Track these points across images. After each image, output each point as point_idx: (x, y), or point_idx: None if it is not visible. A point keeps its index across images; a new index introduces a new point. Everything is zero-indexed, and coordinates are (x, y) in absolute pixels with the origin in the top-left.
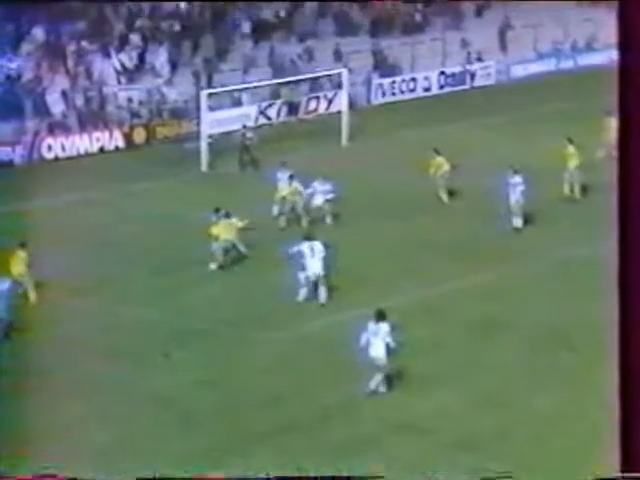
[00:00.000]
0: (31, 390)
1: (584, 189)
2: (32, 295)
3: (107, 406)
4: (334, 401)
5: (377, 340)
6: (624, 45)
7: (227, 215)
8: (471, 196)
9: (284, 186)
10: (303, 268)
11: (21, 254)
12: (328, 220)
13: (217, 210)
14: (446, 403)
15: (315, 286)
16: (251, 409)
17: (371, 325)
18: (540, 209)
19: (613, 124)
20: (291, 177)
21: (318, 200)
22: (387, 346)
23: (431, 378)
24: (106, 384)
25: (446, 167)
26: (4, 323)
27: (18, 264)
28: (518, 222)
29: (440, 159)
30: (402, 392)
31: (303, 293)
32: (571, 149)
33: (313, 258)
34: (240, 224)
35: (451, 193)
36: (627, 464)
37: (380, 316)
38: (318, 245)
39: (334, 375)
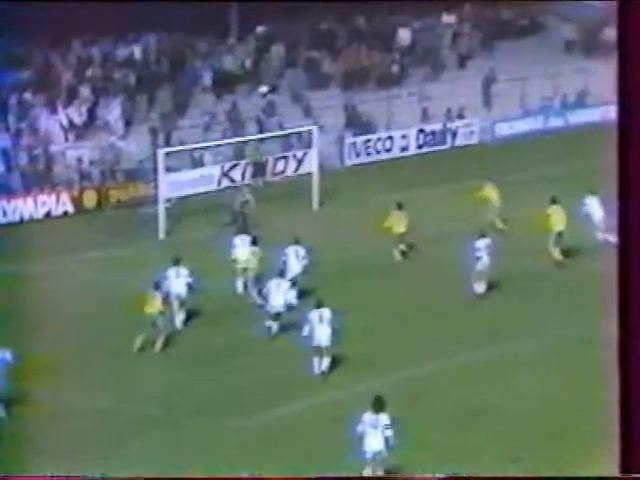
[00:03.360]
0: None
1: (567, 254)
2: None
3: None
4: None
5: (376, 433)
6: (623, 103)
7: (155, 286)
8: (447, 266)
9: (244, 254)
10: (310, 337)
11: None
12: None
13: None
14: None
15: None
16: None
17: (369, 416)
18: (523, 279)
19: (490, 190)
20: (251, 243)
21: (295, 268)
22: (386, 440)
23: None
24: None
25: (402, 229)
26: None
27: None
28: (481, 288)
29: (396, 217)
30: None
31: (317, 364)
32: (554, 209)
33: (321, 326)
34: (158, 299)
35: (423, 263)
36: (627, 464)
37: (379, 405)
38: (327, 312)
39: (306, 468)
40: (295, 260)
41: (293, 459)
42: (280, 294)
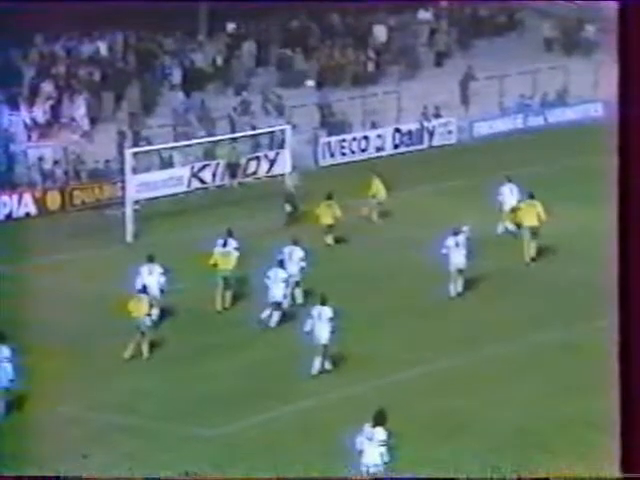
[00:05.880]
0: None
1: (541, 251)
2: None
3: None
4: None
5: (372, 447)
6: (624, 99)
7: (142, 289)
8: (425, 268)
9: (221, 257)
10: (311, 335)
11: None
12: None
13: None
14: None
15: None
16: None
17: (367, 428)
18: (499, 279)
19: (377, 184)
20: (223, 245)
21: (289, 269)
22: (381, 456)
23: None
24: None
25: (329, 221)
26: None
27: None
28: (456, 288)
29: (325, 207)
30: None
31: (317, 364)
32: (528, 204)
33: (320, 323)
34: (144, 302)
35: (400, 264)
36: (627, 464)
37: (379, 419)
38: (327, 310)
39: None
40: (289, 261)
41: (263, 472)
42: (277, 284)
